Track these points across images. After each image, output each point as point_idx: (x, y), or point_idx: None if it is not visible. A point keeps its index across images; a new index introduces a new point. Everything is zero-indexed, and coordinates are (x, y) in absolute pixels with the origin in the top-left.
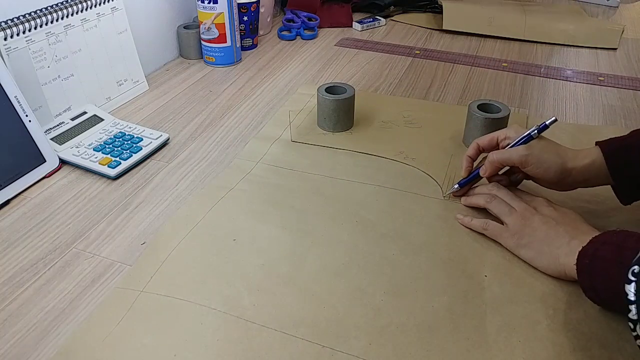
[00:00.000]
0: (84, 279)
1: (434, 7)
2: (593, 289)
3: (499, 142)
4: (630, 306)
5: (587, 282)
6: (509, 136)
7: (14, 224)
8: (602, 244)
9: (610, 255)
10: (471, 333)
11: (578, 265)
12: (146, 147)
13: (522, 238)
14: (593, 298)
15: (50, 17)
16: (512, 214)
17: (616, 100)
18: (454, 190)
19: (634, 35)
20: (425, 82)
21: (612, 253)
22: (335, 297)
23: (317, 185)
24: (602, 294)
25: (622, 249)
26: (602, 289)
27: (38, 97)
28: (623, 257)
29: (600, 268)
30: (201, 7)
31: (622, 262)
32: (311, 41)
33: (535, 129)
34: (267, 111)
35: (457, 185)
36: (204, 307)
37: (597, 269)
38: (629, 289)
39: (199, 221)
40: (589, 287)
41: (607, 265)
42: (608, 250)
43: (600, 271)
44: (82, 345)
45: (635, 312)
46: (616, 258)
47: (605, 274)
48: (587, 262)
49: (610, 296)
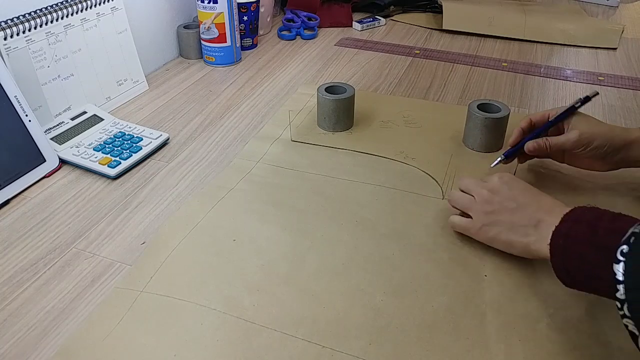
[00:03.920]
0: (84, 278)
1: (434, 7)
2: (565, 270)
3: (549, 118)
4: (618, 285)
5: (560, 263)
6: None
7: (13, 224)
8: (575, 223)
9: (584, 236)
10: (471, 333)
11: (552, 246)
12: (146, 147)
13: (488, 231)
14: (564, 279)
15: (50, 17)
16: (472, 205)
17: (616, 100)
18: (501, 160)
19: (634, 35)
20: (425, 82)
21: (586, 234)
22: (335, 297)
23: (317, 185)
24: (574, 275)
25: (596, 229)
26: (575, 270)
27: (38, 97)
28: (597, 238)
29: (574, 249)
30: (201, 7)
31: (596, 243)
32: (311, 41)
33: (579, 101)
34: (267, 111)
35: (502, 157)
36: (204, 307)
37: (570, 249)
38: (617, 268)
39: (199, 221)
40: (561, 268)
41: (581, 246)
42: (582, 231)
43: (574, 252)
44: (82, 345)
45: (623, 291)
46: (590, 239)
47: (579, 255)
48: (561, 242)
49: (583, 277)
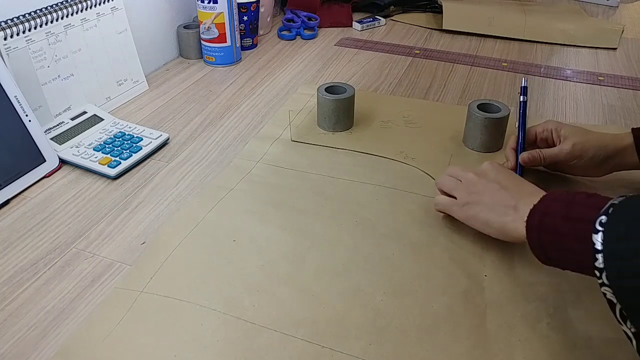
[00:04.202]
0: (84, 278)
1: (434, 7)
2: (541, 246)
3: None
4: (597, 255)
5: (536, 238)
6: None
7: (13, 224)
8: (552, 201)
9: (560, 212)
10: (471, 333)
11: (528, 222)
12: (146, 147)
13: (469, 209)
14: (539, 255)
15: (50, 17)
16: (458, 186)
17: (616, 100)
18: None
19: (634, 35)
20: (425, 82)
21: (562, 209)
22: (335, 297)
23: (317, 185)
24: (549, 250)
25: (571, 205)
26: (550, 245)
27: (38, 97)
28: (573, 213)
29: (549, 223)
30: (201, 7)
31: (572, 217)
32: (311, 41)
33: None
34: (267, 111)
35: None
36: (204, 308)
37: (546, 224)
38: (596, 238)
39: (199, 221)
40: (536, 244)
41: (557, 220)
42: (558, 207)
43: (549, 226)
44: (82, 345)
45: (602, 260)
46: (566, 214)
47: (555, 229)
48: (537, 218)
49: (559, 252)
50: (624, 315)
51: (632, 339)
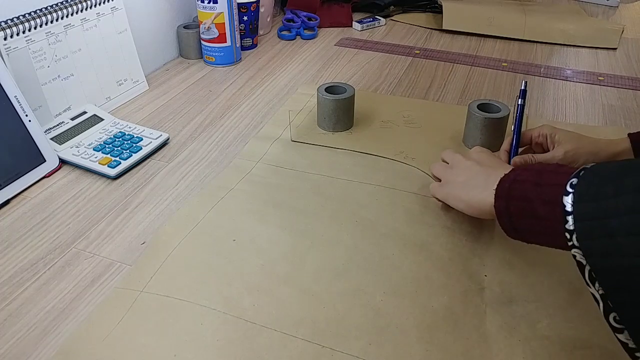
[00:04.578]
0: (84, 278)
1: (434, 7)
2: (508, 215)
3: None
4: (567, 217)
5: (504, 207)
6: (542, 133)
7: (14, 224)
8: (523, 170)
9: (531, 178)
10: (471, 333)
11: (497, 191)
12: (146, 147)
13: (446, 187)
14: (506, 226)
15: (50, 17)
16: (445, 169)
17: (616, 100)
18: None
19: (634, 35)
20: (425, 82)
21: (532, 176)
22: (335, 297)
23: (317, 185)
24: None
25: (542, 172)
26: (518, 214)
27: (38, 97)
28: (543, 179)
29: (519, 190)
30: (201, 7)
31: (541, 183)
32: (311, 41)
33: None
34: (267, 111)
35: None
36: (204, 308)
37: (515, 192)
38: (567, 200)
39: (199, 221)
40: (504, 214)
41: (526, 187)
42: (528, 175)
43: (518, 194)
44: (82, 345)
45: (572, 222)
46: (536, 180)
47: (524, 196)
48: (507, 186)
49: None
50: (592, 277)
51: (600, 302)
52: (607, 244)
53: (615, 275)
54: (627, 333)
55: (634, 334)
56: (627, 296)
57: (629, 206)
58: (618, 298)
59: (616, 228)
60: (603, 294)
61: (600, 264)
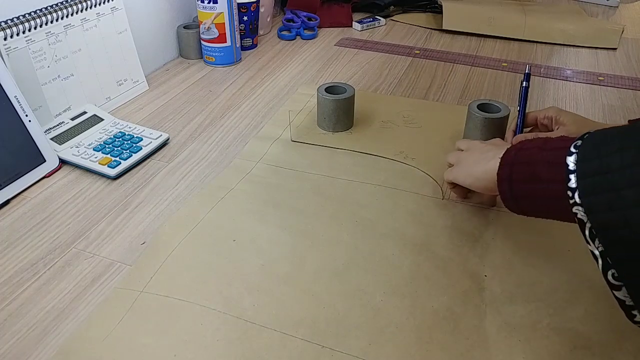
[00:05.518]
0: (84, 278)
1: (434, 7)
2: (509, 180)
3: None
4: (570, 175)
5: (507, 172)
6: (548, 115)
7: (13, 224)
8: (529, 141)
9: (536, 145)
10: (471, 333)
11: (502, 159)
12: (146, 147)
13: (456, 168)
14: (505, 192)
15: (50, 17)
16: (459, 153)
17: (616, 100)
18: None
19: (634, 35)
20: (425, 82)
21: (538, 143)
22: (335, 297)
23: (317, 185)
24: (516, 185)
25: (548, 141)
26: (520, 178)
27: (38, 97)
28: (548, 145)
29: (524, 156)
30: (201, 7)
31: (546, 148)
32: (311, 41)
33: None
34: (267, 111)
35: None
36: (204, 308)
37: (520, 157)
38: (570, 160)
39: (199, 221)
40: (505, 179)
41: (532, 152)
42: (534, 143)
43: (523, 158)
44: (82, 345)
45: (574, 180)
46: (541, 146)
47: (528, 160)
48: (513, 153)
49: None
50: (592, 235)
51: (599, 258)
52: (610, 198)
53: (617, 229)
54: (624, 290)
55: (631, 289)
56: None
57: (633, 160)
58: (617, 254)
59: (619, 181)
60: (602, 251)
61: (602, 218)
